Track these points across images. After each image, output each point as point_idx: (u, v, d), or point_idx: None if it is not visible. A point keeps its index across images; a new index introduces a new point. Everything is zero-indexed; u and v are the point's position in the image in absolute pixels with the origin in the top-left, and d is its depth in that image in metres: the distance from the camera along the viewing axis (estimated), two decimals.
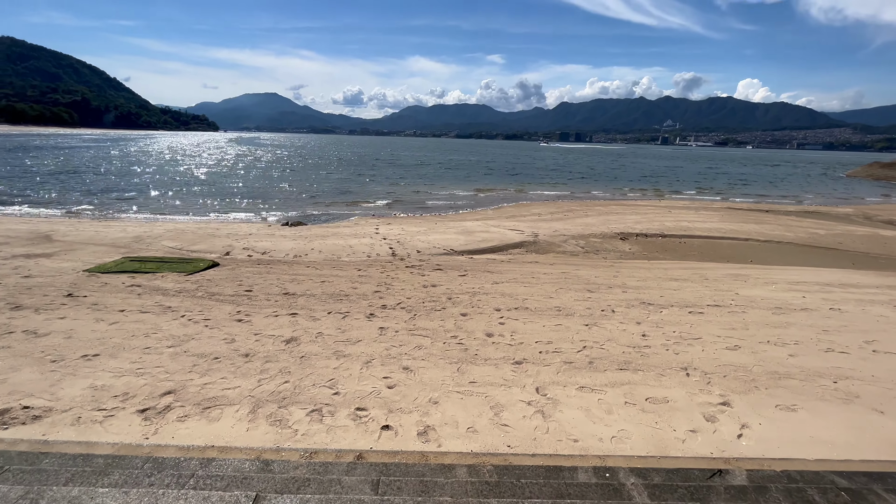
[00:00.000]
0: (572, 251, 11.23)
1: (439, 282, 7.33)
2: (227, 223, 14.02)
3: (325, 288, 6.66)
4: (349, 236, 11.71)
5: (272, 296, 6.09)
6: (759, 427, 2.93)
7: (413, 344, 4.36)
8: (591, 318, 5.45)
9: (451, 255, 10.11)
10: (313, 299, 5.97)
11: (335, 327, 4.77)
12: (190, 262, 8.12)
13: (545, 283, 7.49)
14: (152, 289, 6.28)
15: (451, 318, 5.28)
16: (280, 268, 8.21)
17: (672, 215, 17.22)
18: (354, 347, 4.20)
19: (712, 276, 8.50)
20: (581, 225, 14.54)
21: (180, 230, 12.05)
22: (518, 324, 5.09)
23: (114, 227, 12.28)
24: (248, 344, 4.20)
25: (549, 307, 5.90)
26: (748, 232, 14.13)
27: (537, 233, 12.90)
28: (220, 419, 2.84)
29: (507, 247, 11.27)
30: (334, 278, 7.37)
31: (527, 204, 20.92)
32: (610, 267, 9.30)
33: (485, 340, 4.52)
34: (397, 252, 10.09)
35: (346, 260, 9.30)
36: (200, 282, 6.81)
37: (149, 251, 9.61)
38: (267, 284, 6.76)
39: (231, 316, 5.09)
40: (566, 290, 6.93)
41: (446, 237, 11.78)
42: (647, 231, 13.82)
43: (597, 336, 4.76)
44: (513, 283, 7.35)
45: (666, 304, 6.26)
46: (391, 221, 14.87)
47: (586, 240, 12.53)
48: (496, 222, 14.88)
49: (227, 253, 9.64)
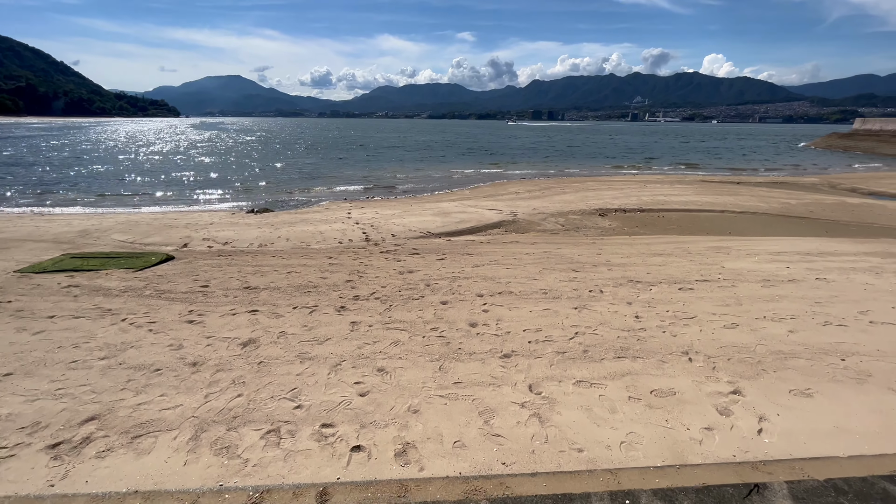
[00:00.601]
0: (552, 229, 10.92)
1: (416, 267, 6.85)
2: (188, 213, 13.03)
3: (292, 279, 6.08)
4: (319, 222, 11.03)
5: (231, 291, 5.49)
6: (778, 419, 2.63)
7: (389, 340, 3.90)
8: (580, 300, 5.10)
9: (427, 238, 9.62)
10: (277, 293, 5.40)
11: (301, 325, 4.25)
12: (140, 257, 7.36)
13: (528, 263, 7.13)
14: (92, 289, 5.57)
15: (431, 307, 4.83)
16: (242, 259, 7.54)
17: (648, 190, 17.15)
18: (322, 348, 3.71)
19: (695, 250, 8.33)
20: (559, 202, 14.25)
21: (133, 222, 11.08)
22: (503, 310, 4.70)
23: (57, 221, 11.18)
24: (197, 350, 3.64)
25: (535, 290, 5.52)
26: (724, 204, 14.17)
27: (516, 212, 12.53)
28: (152, 451, 2.32)
29: (486, 227, 10.86)
30: (302, 268, 6.79)
31: (503, 183, 20.50)
32: (592, 244, 9.03)
33: (468, 331, 4.10)
34: (371, 237, 9.53)
35: (315, 247, 8.68)
36: (150, 279, 6.11)
37: (95, 246, 8.72)
38: (226, 278, 6.13)
39: (181, 317, 4.48)
40: (550, 271, 6.58)
41: (422, 219, 11.26)
42: (625, 206, 13.66)
43: (588, 320, 4.41)
44: (494, 266, 6.95)
45: (654, 282, 6.00)
46: (364, 205, 14.19)
47: (566, 217, 12.24)
48: (473, 202, 14.42)
49: (184, 245, 8.85)
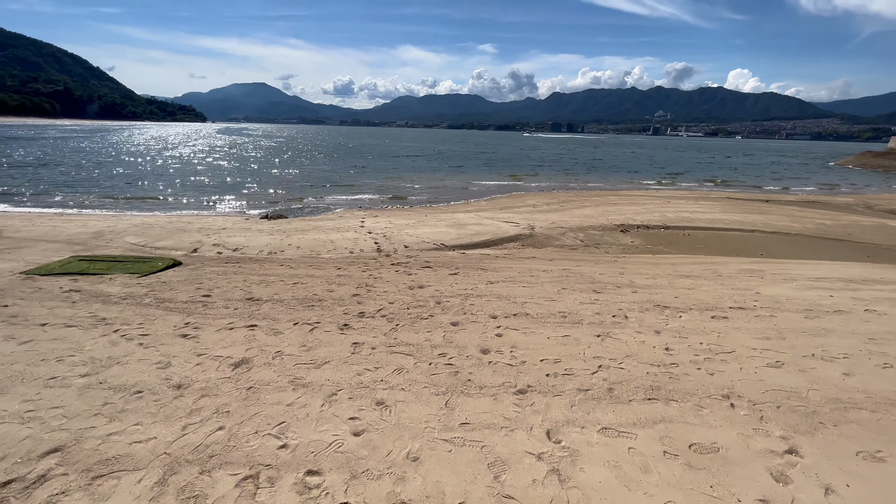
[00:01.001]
0: (571, 245, 10.48)
1: (427, 282, 6.52)
2: (202, 216, 13.03)
3: (297, 291, 5.82)
4: (331, 230, 10.83)
5: (232, 302, 5.24)
6: (848, 491, 2.19)
7: (392, 366, 3.56)
8: (603, 326, 4.69)
9: (441, 251, 9.30)
10: (280, 306, 5.13)
11: (299, 344, 3.95)
12: (148, 262, 7.22)
13: (545, 282, 6.72)
14: (93, 295, 5.40)
15: (440, 328, 4.48)
16: (250, 267, 7.34)
17: (671, 206, 16.54)
18: (318, 373, 3.39)
19: (725, 273, 7.79)
20: (579, 216, 13.79)
21: (148, 225, 11.08)
22: (518, 335, 4.31)
23: (75, 222, 11.26)
24: (185, 370, 3.37)
25: (553, 312, 5.13)
26: (753, 223, 13.50)
27: (533, 225, 12.13)
28: (111, 496, 2.03)
29: (502, 240, 10.49)
30: (309, 279, 6.53)
31: (521, 195, 20.12)
32: (614, 262, 8.57)
33: (479, 359, 3.73)
34: (383, 247, 9.26)
35: (325, 257, 8.44)
36: (154, 285, 5.93)
37: (107, 249, 8.68)
38: (230, 288, 5.90)
39: (175, 330, 4.24)
40: (570, 291, 6.16)
41: (436, 230, 10.96)
42: (648, 223, 13.12)
43: (612, 351, 3.99)
44: (509, 283, 6.57)
45: (683, 307, 5.53)
46: (378, 214, 13.99)
47: (585, 232, 11.79)
48: (490, 214, 14.07)
49: (194, 250, 8.73)
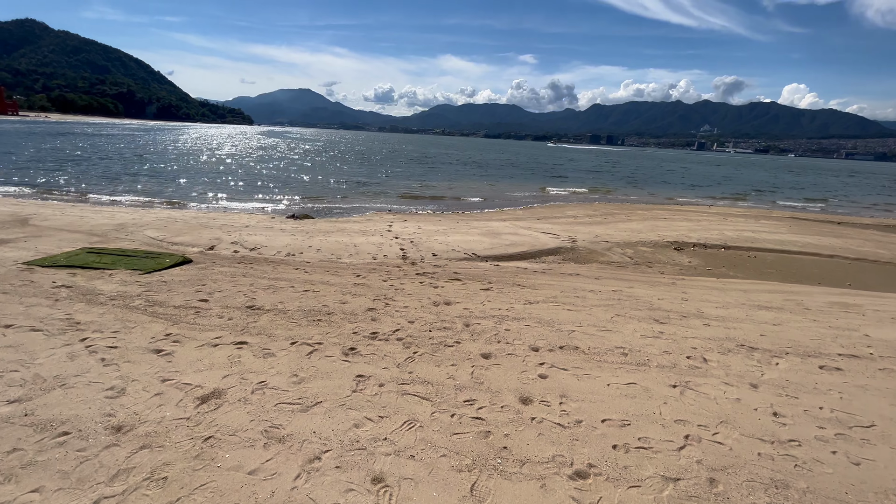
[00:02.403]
0: (619, 262, 9.32)
1: (455, 297, 5.63)
2: (229, 213, 12.73)
3: (306, 301, 5.07)
4: (356, 233, 10.16)
5: (229, 310, 4.54)
6: None
7: (402, 414, 2.68)
8: (677, 371, 3.63)
9: (472, 261, 8.40)
10: (281, 319, 4.38)
11: (290, 372, 3.15)
12: (157, 258, 6.72)
13: (594, 305, 5.68)
14: (83, 292, 4.85)
15: (467, 360, 3.58)
16: (262, 269, 6.70)
17: (729, 224, 14.93)
18: (304, 419, 2.56)
19: (813, 305, 6.46)
20: (625, 230, 12.54)
21: (173, 219, 10.80)
22: (568, 378, 3.34)
23: (103, 213, 11.16)
24: (137, 402, 2.62)
25: (609, 347, 4.10)
26: (831, 247, 11.80)
27: (575, 238, 11.02)
28: None
29: (540, 253, 9.46)
30: (323, 287, 5.78)
31: (560, 205, 18.93)
32: (672, 285, 7.38)
33: (518, 413, 2.79)
34: (409, 254, 8.46)
35: (345, 262, 7.72)
36: (152, 285, 5.35)
37: (124, 242, 8.32)
38: (233, 292, 5.23)
39: (152, 342, 3.54)
40: (626, 319, 5.10)
41: (468, 238, 10.06)
42: (705, 241, 11.71)
43: (699, 411, 2.95)
44: (551, 305, 5.58)
45: (776, 350, 4.36)
46: (407, 218, 13.26)
47: (634, 248, 10.56)
48: (526, 223, 13.05)
49: (211, 247, 8.24)
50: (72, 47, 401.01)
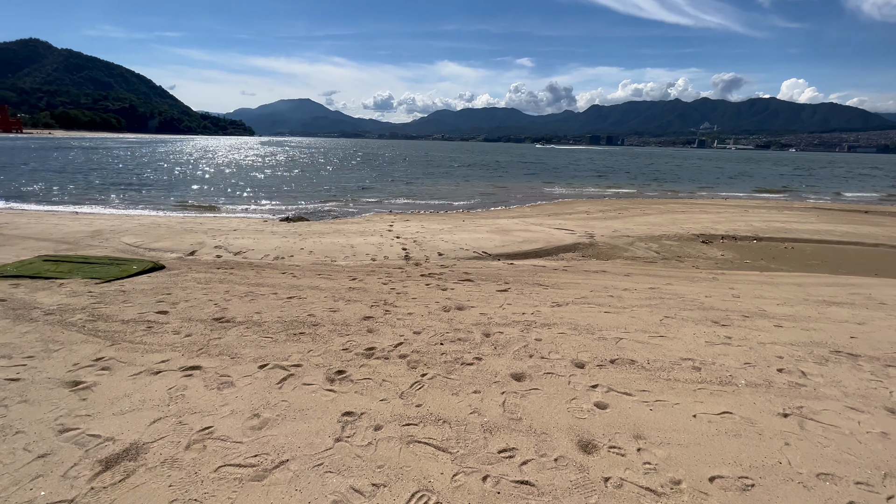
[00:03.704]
0: (645, 256, 8.38)
1: (468, 301, 4.72)
2: (217, 218, 11.90)
3: (288, 309, 4.17)
4: (354, 234, 9.27)
5: (191, 323, 3.64)
6: None
7: (409, 480, 1.77)
8: (777, 391, 2.70)
9: (483, 260, 7.49)
10: (253, 333, 3.48)
11: (251, 411, 2.25)
12: (123, 265, 5.85)
13: (634, 305, 4.75)
14: (16, 306, 3.97)
15: (495, 385, 2.66)
16: (244, 273, 5.82)
17: (753, 215, 13.97)
18: (255, 497, 1.64)
19: (888, 300, 5.50)
20: (644, 224, 11.61)
21: (156, 224, 9.97)
22: (636, 407, 2.42)
23: (81, 221, 10.34)
24: (5, 472, 1.72)
25: (673, 360, 3.18)
26: (872, 235, 10.82)
27: (592, 233, 10.10)
28: None
29: (557, 250, 8.54)
30: (311, 292, 4.89)
31: (570, 201, 18.01)
32: (713, 280, 6.43)
33: (583, 472, 1.87)
34: (412, 254, 7.56)
35: (340, 264, 6.83)
36: (106, 295, 4.47)
37: (99, 248, 7.49)
38: (202, 302, 4.34)
39: (72, 371, 2.65)
40: (679, 322, 4.17)
41: (477, 236, 9.16)
42: (734, 233, 10.76)
43: (841, 455, 2.03)
44: (584, 306, 4.66)
45: (884, 357, 3.42)
46: (409, 218, 12.38)
47: (658, 242, 9.63)
48: (537, 220, 12.14)
49: (191, 252, 7.38)
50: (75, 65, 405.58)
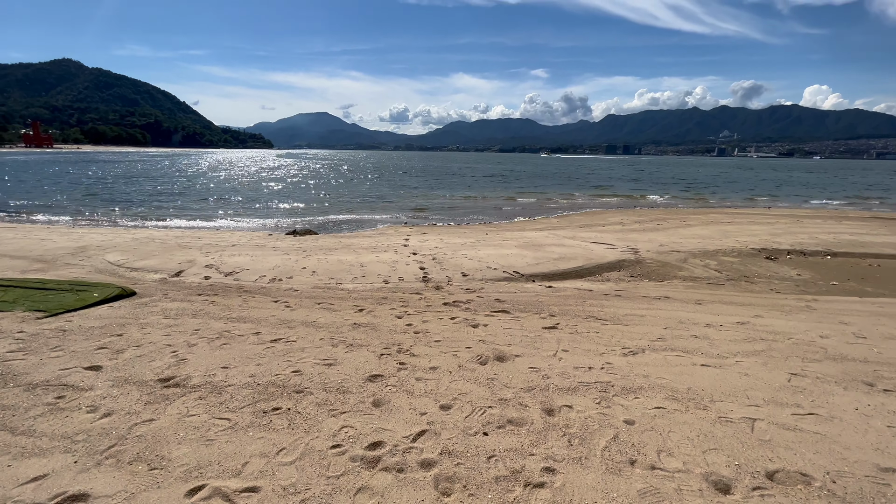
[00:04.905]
0: (707, 277, 7.05)
1: (508, 343, 3.53)
2: (220, 231, 11.00)
3: (268, 363, 3.06)
4: (365, 249, 8.19)
5: (124, 390, 2.56)
6: None
7: None
8: None
9: (515, 282, 6.30)
10: (206, 408, 2.36)
11: None
12: (84, 291, 4.85)
13: (735, 352, 3.49)
14: None
15: None
16: (228, 302, 4.75)
17: (812, 226, 12.43)
18: None
19: None
20: (692, 237, 10.24)
21: (150, 239, 9.08)
22: None
23: (72, 235, 9.54)
24: None
25: (867, 472, 1.93)
26: None
27: (636, 248, 8.81)
28: None
29: (600, 268, 7.28)
30: (305, 331, 3.77)
31: (600, 211, 16.68)
32: (809, 310, 5.09)
33: None
34: (431, 275, 6.41)
35: (346, 288, 5.73)
36: (38, 337, 3.45)
37: (77, 267, 6.59)
38: (157, 348, 3.27)
39: None
40: (816, 384, 2.89)
41: (504, 252, 7.97)
42: (800, 247, 9.33)
43: None
44: (666, 353, 3.42)
45: None
46: (427, 231, 11.27)
47: (716, 259, 8.27)
48: (568, 232, 10.90)
49: (178, 272, 6.39)
50: (104, 83, 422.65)
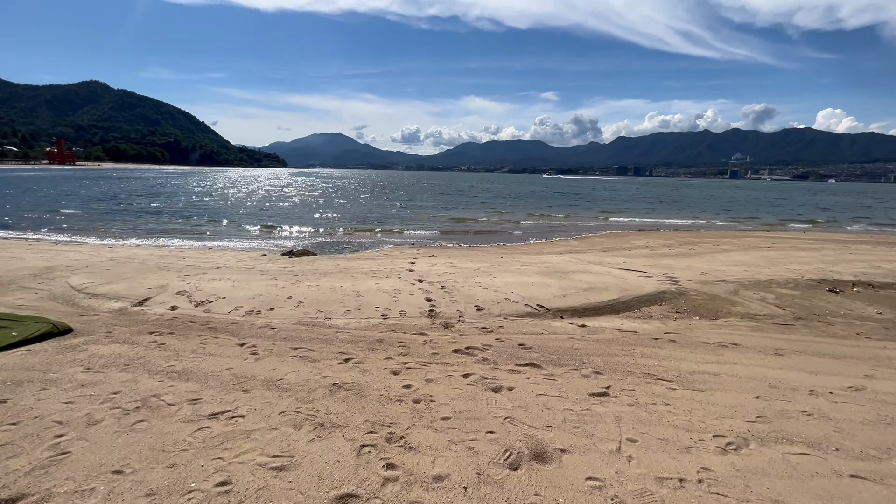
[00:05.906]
0: (768, 314, 5.86)
1: (548, 425, 2.44)
2: (209, 251, 10.12)
3: (185, 463, 2.02)
4: (364, 275, 7.19)
5: None
6: None
7: None
8: None
9: (540, 318, 5.20)
10: None
11: None
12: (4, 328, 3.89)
13: (869, 448, 2.35)
14: None
15: None
16: (178, 347, 3.74)
17: (865, 252, 11.16)
18: None
19: None
20: (735, 264, 9.06)
21: (130, 258, 8.23)
22: None
23: (48, 253, 8.74)
24: None
25: None
26: None
27: (675, 276, 7.66)
28: None
29: (638, 301, 6.15)
30: (262, 397, 2.74)
31: (620, 233, 15.55)
32: None
33: None
34: (439, 308, 5.36)
35: (336, 324, 4.69)
36: None
37: (32, 290, 5.69)
38: (37, 429, 2.26)
39: None
40: None
41: (524, 280, 6.89)
42: (866, 278, 8.10)
43: None
44: (774, 444, 2.29)
45: None
46: (435, 253, 10.25)
47: (771, 291, 7.07)
48: (592, 257, 9.79)
49: (143, 300, 5.44)
50: (128, 103, 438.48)
